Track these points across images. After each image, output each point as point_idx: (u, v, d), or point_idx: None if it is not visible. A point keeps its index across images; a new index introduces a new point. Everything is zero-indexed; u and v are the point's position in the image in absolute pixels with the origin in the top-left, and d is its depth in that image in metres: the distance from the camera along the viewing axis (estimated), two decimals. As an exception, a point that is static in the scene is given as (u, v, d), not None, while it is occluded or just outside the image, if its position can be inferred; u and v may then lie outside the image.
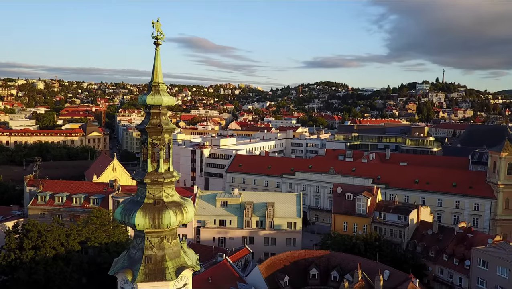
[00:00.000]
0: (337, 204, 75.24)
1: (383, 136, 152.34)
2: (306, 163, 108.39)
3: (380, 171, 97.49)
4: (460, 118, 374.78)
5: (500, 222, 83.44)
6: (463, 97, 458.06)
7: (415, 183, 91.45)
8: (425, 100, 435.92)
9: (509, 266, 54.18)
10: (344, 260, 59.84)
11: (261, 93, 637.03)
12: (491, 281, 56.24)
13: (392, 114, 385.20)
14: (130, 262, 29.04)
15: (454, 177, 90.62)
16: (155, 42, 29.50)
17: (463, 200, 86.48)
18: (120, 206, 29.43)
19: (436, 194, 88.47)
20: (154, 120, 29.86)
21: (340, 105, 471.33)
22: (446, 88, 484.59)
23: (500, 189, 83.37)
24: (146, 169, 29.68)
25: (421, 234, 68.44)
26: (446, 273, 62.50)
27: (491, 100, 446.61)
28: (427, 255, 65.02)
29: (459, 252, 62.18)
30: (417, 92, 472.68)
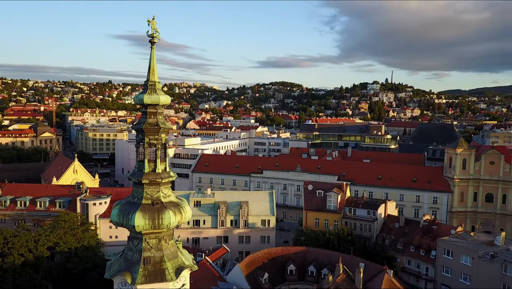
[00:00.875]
0: (308, 201, 77.04)
1: (343, 134, 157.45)
2: (273, 161, 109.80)
3: (344, 168, 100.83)
4: (409, 116, 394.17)
5: (456, 214, 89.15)
6: (410, 97, 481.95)
7: (379, 179, 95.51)
8: (376, 100, 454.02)
9: (472, 255, 58.20)
10: (319, 255, 61.57)
11: (217, 92, 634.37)
12: (455, 269, 60.14)
13: (345, 113, 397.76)
14: (128, 265, 28.57)
15: (414, 173, 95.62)
16: (151, 40, 29.19)
17: (422, 194, 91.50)
18: (116, 208, 28.80)
19: (398, 189, 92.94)
20: (151, 119, 29.56)
21: (296, 105, 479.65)
22: (395, 88, 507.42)
23: (456, 183, 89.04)
24: (143, 169, 29.33)
25: (389, 227, 71.74)
26: (413, 264, 66.01)
27: (436, 100, 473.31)
28: (395, 247, 68.30)
29: (425, 243, 65.89)
30: (368, 92, 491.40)
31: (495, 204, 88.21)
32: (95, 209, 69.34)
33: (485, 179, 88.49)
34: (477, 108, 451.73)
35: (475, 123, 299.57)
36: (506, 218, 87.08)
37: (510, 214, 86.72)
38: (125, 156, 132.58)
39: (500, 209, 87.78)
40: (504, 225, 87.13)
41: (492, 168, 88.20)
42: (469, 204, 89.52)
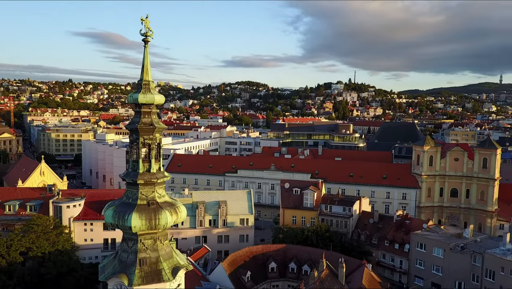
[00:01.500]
0: (285, 199, 78.12)
1: (312, 133, 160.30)
2: (247, 161, 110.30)
3: (317, 166, 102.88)
4: (372, 116, 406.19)
5: (424, 208, 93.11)
6: (373, 97, 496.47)
7: (350, 177, 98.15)
8: (340, 99, 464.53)
9: (443, 247, 61.24)
10: (299, 252, 62.73)
11: (182, 91, 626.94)
12: (428, 261, 63.03)
13: (311, 112, 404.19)
14: (123, 266, 28.26)
15: (383, 170, 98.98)
16: (144, 39, 28.98)
17: (392, 190, 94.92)
18: (110, 209, 28.46)
19: (369, 186, 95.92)
20: (145, 119, 29.37)
21: (262, 104, 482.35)
22: (358, 88, 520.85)
23: (423, 180, 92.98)
24: (138, 169, 29.11)
25: (364, 223, 74.05)
26: (388, 258, 68.56)
27: (397, 100, 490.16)
28: (371, 242, 70.64)
29: (399, 237, 68.56)
30: (332, 92, 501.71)
31: (460, 199, 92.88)
32: (69, 211, 67.20)
33: (450, 175, 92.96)
34: (435, 107, 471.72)
35: (434, 122, 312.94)
36: (469, 212, 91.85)
37: (473, 207, 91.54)
38: (93, 157, 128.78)
39: (464, 203, 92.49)
40: (468, 218, 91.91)
41: (457, 165, 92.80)
42: (435, 199, 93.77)
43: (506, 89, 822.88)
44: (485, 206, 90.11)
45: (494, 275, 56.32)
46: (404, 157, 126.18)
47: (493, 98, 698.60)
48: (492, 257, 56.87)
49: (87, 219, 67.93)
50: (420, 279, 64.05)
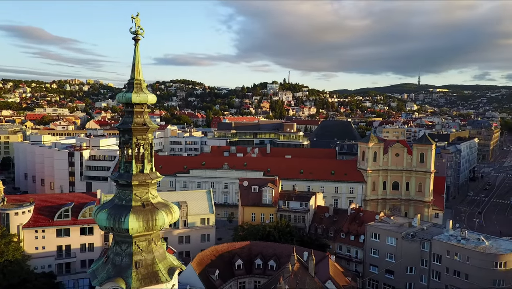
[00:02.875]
0: (244, 197, 79.15)
1: (258, 132, 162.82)
2: (198, 160, 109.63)
3: (269, 164, 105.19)
4: (307, 114, 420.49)
5: (369, 201, 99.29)
6: (307, 96, 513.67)
7: (301, 173, 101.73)
8: (276, 99, 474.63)
9: (396, 236, 66.10)
10: (264, 248, 64.12)
11: (114, 90, 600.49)
12: (382, 250, 67.62)
13: (249, 112, 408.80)
14: (117, 270, 27.83)
15: (331, 166, 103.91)
16: (134, 37, 28.69)
17: (340, 185, 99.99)
18: (103, 212, 27.83)
19: (319, 181, 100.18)
20: (138, 119, 29.09)
21: (199, 103, 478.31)
22: (292, 88, 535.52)
23: (368, 174, 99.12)
24: (131, 170, 28.79)
25: (320, 217, 77.39)
26: (344, 249, 72.38)
27: (329, 99, 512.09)
28: (327, 235, 74.06)
29: (354, 229, 72.68)
30: (268, 91, 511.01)
31: (401, 191, 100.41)
32: (17, 219, 62.44)
33: (392, 169, 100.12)
34: (364, 106, 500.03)
35: (365, 120, 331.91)
36: (409, 203, 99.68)
37: (412, 199, 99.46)
38: (29, 161, 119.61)
39: (404, 195, 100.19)
40: (408, 208, 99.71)
41: (398, 160, 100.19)
42: (379, 192, 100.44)
43: (424, 90, 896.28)
44: (423, 197, 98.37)
45: (441, 259, 62.10)
46: (346, 154, 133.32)
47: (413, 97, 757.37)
48: (439, 242, 62.64)
49: (38, 226, 63.67)
50: (375, 267, 68.52)
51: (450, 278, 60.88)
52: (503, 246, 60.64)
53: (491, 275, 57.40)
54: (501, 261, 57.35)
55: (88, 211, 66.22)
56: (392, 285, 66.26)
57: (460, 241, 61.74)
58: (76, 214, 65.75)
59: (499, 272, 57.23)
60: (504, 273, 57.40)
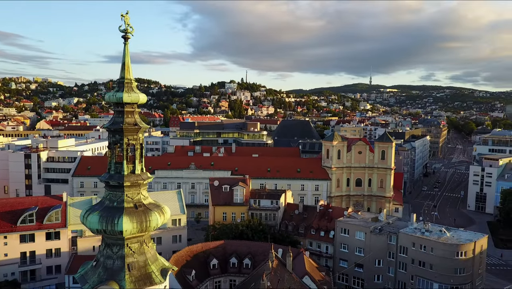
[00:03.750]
0: (215, 196, 78.96)
1: (221, 131, 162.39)
2: (163, 160, 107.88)
3: (236, 163, 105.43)
4: (265, 114, 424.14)
5: (334, 198, 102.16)
6: (264, 96, 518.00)
7: (268, 172, 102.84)
8: (234, 98, 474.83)
9: (364, 230, 68.67)
10: (238, 247, 64.44)
11: (64, 88, 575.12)
12: (351, 244, 69.99)
13: (207, 111, 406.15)
14: (110, 274, 27.58)
15: (297, 164, 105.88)
16: (124, 36, 28.52)
17: (306, 183, 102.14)
18: (94, 215, 27.47)
19: (286, 179, 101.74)
20: (129, 118, 29.03)
21: (156, 102, 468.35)
22: (250, 88, 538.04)
23: (333, 172, 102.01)
24: (122, 171, 28.56)
25: (290, 214, 78.76)
26: (315, 245, 74.16)
27: (286, 99, 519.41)
28: (298, 232, 75.55)
29: (323, 225, 74.65)
30: (226, 91, 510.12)
31: (363, 188, 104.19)
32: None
33: (355, 167, 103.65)
34: (319, 106, 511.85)
35: (322, 119, 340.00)
36: (371, 198, 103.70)
37: (374, 194, 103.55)
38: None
39: (367, 191, 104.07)
40: (370, 204, 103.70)
41: (360, 157, 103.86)
42: (343, 189, 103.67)
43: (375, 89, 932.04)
44: (384, 193, 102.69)
45: (407, 251, 65.32)
46: (308, 152, 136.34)
47: (366, 97, 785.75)
48: (405, 235, 65.84)
49: (0, 232, 60.17)
50: (345, 261, 70.82)
51: (415, 269, 64.19)
52: (462, 237, 64.82)
53: (453, 264, 61.19)
54: (461, 250, 61.28)
55: (54, 215, 63.45)
56: (362, 278, 68.81)
57: (424, 233, 65.25)
58: (41, 219, 62.79)
59: (460, 261, 61.14)
60: (464, 262, 61.40)
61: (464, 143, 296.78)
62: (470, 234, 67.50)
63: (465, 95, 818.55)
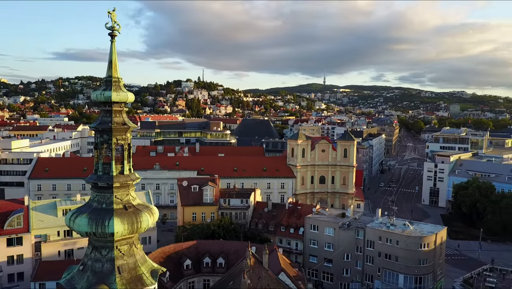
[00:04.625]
0: (184, 197, 78.13)
1: (183, 131, 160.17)
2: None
3: (202, 163, 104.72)
4: (224, 113, 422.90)
5: (299, 195, 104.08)
6: (222, 95, 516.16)
7: (235, 171, 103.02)
8: (192, 97, 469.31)
9: (333, 226, 70.76)
10: (211, 246, 64.24)
11: (9, 86, 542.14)
12: (320, 240, 71.87)
13: (164, 110, 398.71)
14: (99, 277, 27.20)
15: (263, 163, 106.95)
16: (111, 33, 28.14)
17: (272, 181, 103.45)
18: (82, 217, 26.97)
19: (252, 178, 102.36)
20: (117, 118, 28.70)
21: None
22: (207, 87, 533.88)
23: (298, 170, 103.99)
24: (111, 172, 28.16)
25: (259, 213, 79.53)
26: (285, 242, 75.39)
27: (244, 98, 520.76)
28: (268, 230, 76.48)
29: (293, 222, 76.04)
30: (183, 90, 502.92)
31: (327, 185, 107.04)
32: None
33: (319, 165, 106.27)
34: (277, 105, 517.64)
35: (280, 118, 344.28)
36: (335, 195, 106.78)
37: (337, 191, 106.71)
38: None
39: (330, 188, 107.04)
40: (334, 201, 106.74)
41: (323, 155, 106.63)
42: (308, 186, 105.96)
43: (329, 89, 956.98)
44: (347, 189, 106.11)
45: (373, 244, 68.09)
46: (271, 151, 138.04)
47: (320, 97, 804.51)
48: (372, 230, 68.61)
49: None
50: (314, 257, 72.60)
51: (382, 261, 67.07)
52: (425, 229, 68.53)
53: (417, 255, 64.57)
54: (424, 242, 64.78)
55: (16, 220, 60.17)
56: (331, 272, 70.89)
57: (389, 227, 68.33)
58: (1, 224, 59.35)
59: (423, 253, 64.61)
60: (427, 253, 64.96)
61: (415, 141, 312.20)
62: (431, 226, 71.51)
63: (413, 95, 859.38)
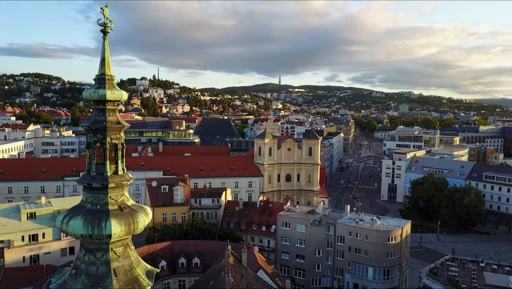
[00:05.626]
0: (154, 197, 76.62)
1: (144, 130, 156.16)
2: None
3: (168, 163, 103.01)
4: (181, 112, 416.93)
5: (266, 193, 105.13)
6: (179, 94, 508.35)
7: (202, 171, 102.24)
8: (147, 96, 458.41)
9: (305, 223, 72.24)
10: (186, 246, 63.61)
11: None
12: (292, 237, 73.14)
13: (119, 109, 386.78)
14: (95, 280, 26.97)
15: (230, 162, 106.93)
16: (103, 30, 27.94)
17: (240, 180, 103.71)
18: (77, 220, 26.57)
19: (220, 178, 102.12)
20: (111, 117, 28.47)
21: (59, 100, 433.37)
22: (163, 85, 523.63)
23: (265, 168, 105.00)
24: (105, 172, 27.78)
25: (231, 212, 79.60)
26: (257, 239, 76.02)
27: (201, 97, 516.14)
28: (240, 228, 76.76)
29: (264, 220, 76.84)
30: (138, 88, 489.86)
31: (293, 183, 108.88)
32: None
33: (285, 163, 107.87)
34: (234, 104, 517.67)
35: (239, 118, 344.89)
36: (300, 192, 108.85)
37: (303, 189, 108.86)
38: None
39: (296, 186, 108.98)
40: (299, 198, 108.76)
41: (289, 154, 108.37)
42: (275, 184, 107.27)
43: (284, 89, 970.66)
44: (312, 187, 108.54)
45: (344, 240, 70.31)
46: (236, 150, 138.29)
47: (276, 96, 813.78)
48: (342, 225, 70.79)
49: None
50: (286, 254, 73.75)
51: (352, 256, 69.44)
52: (391, 223, 71.71)
53: (385, 249, 67.44)
54: (392, 236, 67.79)
55: (-25, 226, 56.33)
56: (303, 268, 72.34)
57: (358, 222, 70.88)
58: (-41, 230, 55.39)
59: (391, 246, 67.59)
60: (394, 246, 68.01)
61: (369, 140, 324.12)
62: (396, 220, 74.93)
63: (364, 95, 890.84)
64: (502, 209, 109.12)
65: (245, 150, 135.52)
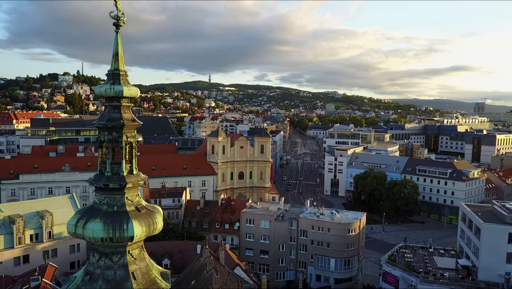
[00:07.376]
0: (112, 199, 72.77)
1: (81, 129, 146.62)
2: (26, 163, 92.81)
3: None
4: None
5: (220, 192, 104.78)
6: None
7: (153, 170, 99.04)
8: (72, 92, 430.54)
9: (269, 219, 73.56)
10: (153, 248, 61.47)
11: None
12: (257, 233, 74.10)
13: (40, 106, 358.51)
14: (113, 285, 26.35)
15: (183, 161, 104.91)
16: (115, 23, 27.01)
17: (193, 179, 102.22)
18: (94, 223, 25.67)
19: (173, 177, 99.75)
20: (126, 114, 27.69)
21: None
22: (89, 81, 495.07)
23: (219, 166, 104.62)
24: (121, 172, 26.95)
25: (192, 211, 78.44)
26: (220, 238, 75.76)
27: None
28: (202, 227, 75.95)
29: (227, 218, 76.82)
30: (61, 84, 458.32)
31: (245, 180, 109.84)
32: None
33: (238, 161, 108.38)
34: (166, 102, 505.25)
35: (173, 116, 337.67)
36: (253, 189, 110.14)
37: (255, 186, 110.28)
38: None
39: (249, 183, 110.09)
40: (252, 195, 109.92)
41: (242, 152, 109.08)
42: (228, 182, 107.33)
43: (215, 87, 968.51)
44: (264, 184, 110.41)
45: (306, 233, 72.80)
46: (182, 148, 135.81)
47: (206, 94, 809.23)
48: (304, 220, 73.23)
49: None
50: (250, 250, 74.51)
51: (314, 248, 72.15)
52: (349, 216, 75.63)
53: (346, 240, 71.07)
54: (351, 228, 71.61)
55: None
56: (267, 263, 73.61)
57: (320, 216, 73.80)
58: None
59: (350, 237, 71.37)
60: (353, 237, 71.93)
61: (302, 137, 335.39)
62: (353, 213, 79.11)
63: (293, 94, 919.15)
64: (433, 200, 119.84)
65: (192, 149, 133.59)
